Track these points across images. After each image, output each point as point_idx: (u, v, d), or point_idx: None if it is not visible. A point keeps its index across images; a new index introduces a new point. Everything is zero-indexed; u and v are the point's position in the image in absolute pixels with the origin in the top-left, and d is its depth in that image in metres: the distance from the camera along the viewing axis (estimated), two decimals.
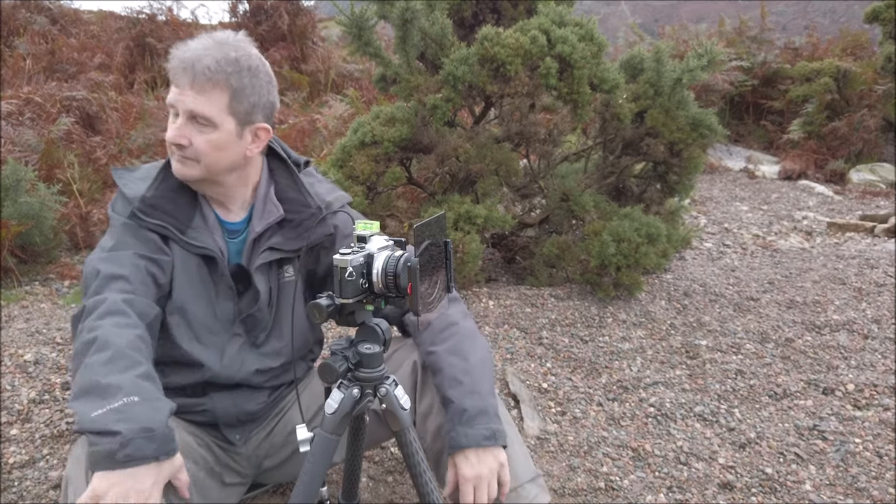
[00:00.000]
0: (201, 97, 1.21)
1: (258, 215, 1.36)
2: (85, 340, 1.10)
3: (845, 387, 2.30)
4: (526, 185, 3.34)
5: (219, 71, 1.21)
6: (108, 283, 1.18)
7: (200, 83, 1.20)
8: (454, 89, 2.81)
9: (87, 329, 1.12)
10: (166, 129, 1.27)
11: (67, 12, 7.21)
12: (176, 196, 1.31)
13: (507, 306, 2.88)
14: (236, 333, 1.37)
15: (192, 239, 1.30)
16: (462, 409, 1.25)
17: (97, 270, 1.20)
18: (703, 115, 3.16)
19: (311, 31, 6.96)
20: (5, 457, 1.78)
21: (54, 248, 3.46)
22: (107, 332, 1.10)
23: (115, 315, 1.13)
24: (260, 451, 1.49)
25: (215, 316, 1.34)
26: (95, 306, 1.15)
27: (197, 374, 1.36)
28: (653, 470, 1.88)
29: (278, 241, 1.35)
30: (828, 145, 6.66)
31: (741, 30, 8.17)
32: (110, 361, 1.06)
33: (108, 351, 1.07)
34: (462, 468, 1.23)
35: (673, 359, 2.54)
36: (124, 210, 1.29)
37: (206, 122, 1.23)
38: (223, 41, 1.24)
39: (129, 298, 1.17)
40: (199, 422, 1.39)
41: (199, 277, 1.32)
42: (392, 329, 1.19)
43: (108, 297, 1.15)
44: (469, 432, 1.24)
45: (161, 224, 1.27)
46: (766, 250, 4.21)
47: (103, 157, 4.08)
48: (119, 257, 1.22)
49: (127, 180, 1.31)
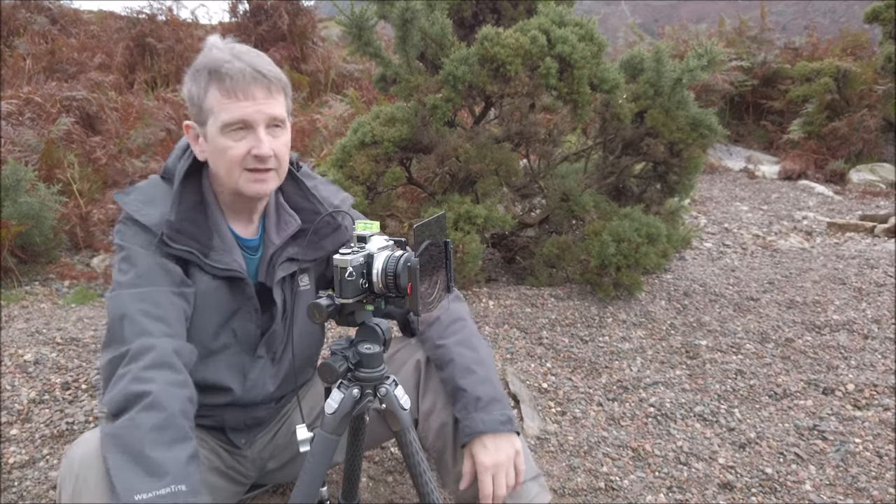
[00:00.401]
0: (275, 101, 1.19)
1: (273, 227, 1.32)
2: (133, 392, 1.03)
3: (845, 387, 2.30)
4: (526, 185, 3.34)
5: (277, 72, 1.20)
6: (148, 324, 1.11)
7: (276, 88, 1.18)
8: (454, 89, 2.81)
9: (134, 378, 1.04)
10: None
11: (67, 12, 7.21)
12: (195, 216, 1.24)
13: (507, 306, 2.88)
14: (259, 356, 1.35)
15: (216, 261, 1.23)
16: (476, 397, 1.25)
17: (131, 310, 1.11)
18: (703, 115, 3.16)
19: (311, 30, 6.96)
20: (5, 457, 1.78)
21: (54, 248, 3.46)
22: (159, 390, 1.03)
23: (166, 369, 1.07)
24: (264, 453, 1.49)
25: (236, 338, 1.31)
26: (142, 352, 1.07)
27: (220, 398, 1.33)
28: (653, 470, 1.88)
29: (295, 251, 1.31)
30: (828, 145, 6.66)
31: (741, 30, 8.18)
32: (161, 429, 1.00)
33: (159, 414, 1.01)
34: (480, 457, 1.22)
35: (673, 359, 2.54)
36: (144, 239, 1.19)
37: (281, 126, 1.21)
38: (246, 49, 1.21)
39: (177, 347, 1.12)
40: (205, 426, 1.38)
41: (218, 300, 1.26)
42: (392, 329, 1.20)
43: (156, 345, 1.09)
44: (486, 418, 1.23)
45: (187, 249, 1.20)
46: (766, 250, 4.21)
47: (103, 157, 4.08)
48: (153, 295, 1.14)
49: (136, 206, 1.21)
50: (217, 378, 1.31)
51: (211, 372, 1.30)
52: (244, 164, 1.19)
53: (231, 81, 1.15)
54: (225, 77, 1.15)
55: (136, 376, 1.05)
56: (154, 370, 1.06)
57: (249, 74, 1.15)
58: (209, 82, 1.17)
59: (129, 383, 1.04)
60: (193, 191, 1.26)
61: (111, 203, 3.78)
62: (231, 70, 1.15)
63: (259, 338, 1.33)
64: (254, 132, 1.17)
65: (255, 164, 1.18)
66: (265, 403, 1.41)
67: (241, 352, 1.33)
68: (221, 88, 1.15)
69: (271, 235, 1.32)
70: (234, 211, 1.29)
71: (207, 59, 1.19)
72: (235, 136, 1.17)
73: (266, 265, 1.32)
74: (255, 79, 1.15)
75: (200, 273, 1.24)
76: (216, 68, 1.16)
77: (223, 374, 1.31)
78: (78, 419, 1.95)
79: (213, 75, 1.16)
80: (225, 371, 1.31)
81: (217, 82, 1.16)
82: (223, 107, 1.16)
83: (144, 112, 4.71)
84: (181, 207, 1.22)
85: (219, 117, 1.16)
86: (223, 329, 1.29)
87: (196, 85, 1.19)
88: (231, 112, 1.16)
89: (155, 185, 1.27)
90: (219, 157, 1.20)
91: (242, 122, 1.16)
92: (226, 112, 1.16)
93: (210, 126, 1.18)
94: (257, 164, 1.18)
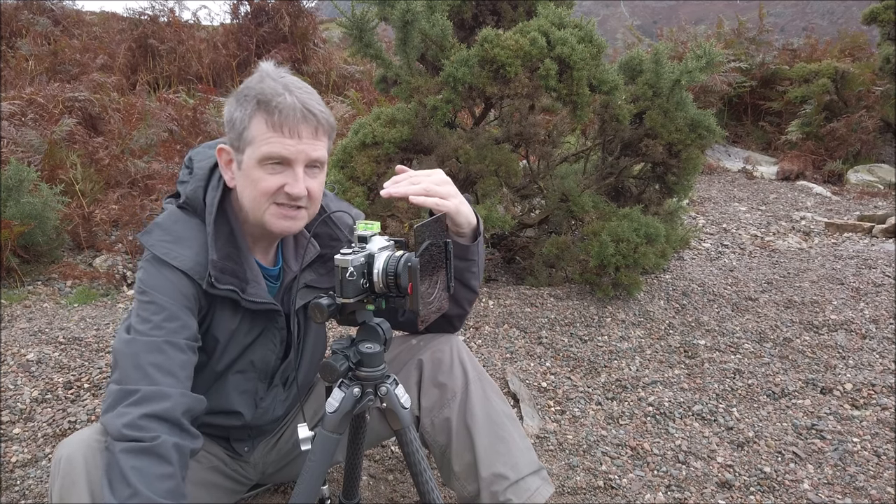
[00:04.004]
0: (319, 143, 1.16)
1: (291, 255, 1.30)
2: (135, 444, 1.01)
3: (843, 386, 2.31)
4: (525, 185, 3.35)
5: (327, 114, 1.17)
6: (159, 378, 1.08)
7: (324, 129, 1.16)
8: (454, 91, 2.83)
9: (135, 426, 1.02)
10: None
11: (70, 13, 7.23)
12: (231, 251, 1.20)
13: (507, 306, 2.89)
14: (275, 385, 1.35)
15: (253, 296, 1.21)
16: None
17: (144, 361, 1.08)
18: (701, 116, 3.18)
19: (312, 32, 6.97)
20: (7, 455, 1.79)
21: (57, 249, 3.47)
22: (165, 442, 1.02)
23: (174, 425, 1.05)
24: (267, 458, 1.51)
25: (253, 368, 1.31)
26: (152, 398, 1.05)
27: (230, 421, 1.34)
28: (651, 469, 1.89)
29: (312, 277, 1.30)
30: (826, 146, 6.68)
31: (739, 31, 8.19)
32: (163, 479, 1.00)
33: (165, 467, 1.01)
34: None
35: (671, 358, 2.55)
36: (170, 285, 1.14)
37: (319, 167, 1.18)
38: (298, 83, 1.17)
39: (190, 406, 1.09)
40: (208, 434, 1.38)
41: (244, 332, 1.25)
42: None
43: (170, 395, 1.06)
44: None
45: (231, 288, 1.17)
46: (764, 250, 4.23)
47: (106, 158, 4.09)
48: (168, 349, 1.11)
49: (165, 248, 1.16)
50: (229, 405, 1.31)
51: (224, 399, 1.30)
52: (274, 198, 1.15)
53: (280, 116, 1.11)
54: (274, 110, 1.11)
55: (136, 424, 1.02)
56: (160, 422, 1.04)
57: (300, 112, 1.12)
58: (256, 111, 1.13)
59: (126, 422, 1.02)
60: (224, 223, 1.22)
61: (113, 203, 3.79)
62: (281, 104, 1.11)
63: (277, 366, 1.34)
64: (291, 170, 1.14)
65: (286, 201, 1.16)
66: (273, 424, 1.44)
67: (255, 379, 1.33)
68: (269, 120, 1.12)
69: (290, 263, 1.30)
70: (256, 240, 1.26)
71: (256, 86, 1.14)
72: (272, 170, 1.14)
73: (283, 292, 1.30)
74: (305, 117, 1.12)
75: (231, 310, 1.22)
76: (266, 99, 1.12)
77: (235, 401, 1.32)
78: (80, 418, 1.97)
79: (261, 105, 1.12)
80: (237, 398, 1.32)
81: (265, 113, 1.12)
82: (266, 139, 1.12)
83: (147, 113, 4.72)
84: (219, 244, 1.18)
85: (259, 148, 1.13)
86: (241, 358, 1.29)
87: (241, 111, 1.15)
88: (273, 146, 1.12)
89: (177, 220, 1.21)
90: (249, 188, 1.16)
91: (283, 158, 1.13)
92: (267, 145, 1.12)
93: (247, 155, 1.15)
94: (288, 200, 1.15)
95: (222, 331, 1.23)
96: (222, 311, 1.22)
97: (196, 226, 1.20)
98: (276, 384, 1.36)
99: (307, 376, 1.45)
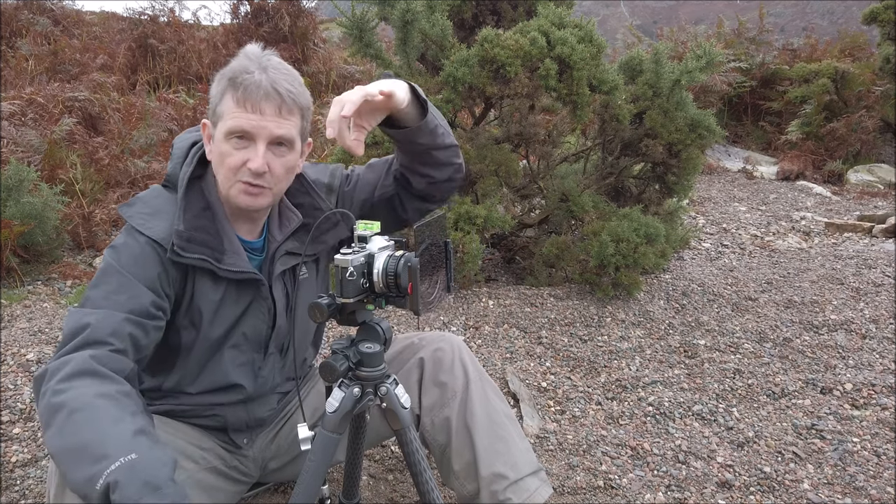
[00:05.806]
0: (284, 121, 1.18)
1: (276, 226, 1.33)
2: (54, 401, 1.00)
3: (843, 386, 2.31)
4: (525, 185, 3.35)
5: (297, 93, 1.19)
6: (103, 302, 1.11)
7: (289, 107, 1.18)
8: (454, 90, 2.83)
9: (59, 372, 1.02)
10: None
11: (70, 13, 7.23)
12: (204, 223, 1.23)
13: (507, 306, 2.90)
14: (270, 353, 1.37)
15: (230, 265, 1.23)
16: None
17: (84, 317, 1.09)
18: (701, 116, 3.18)
19: (312, 32, 6.97)
20: (7, 455, 1.79)
21: (57, 248, 3.47)
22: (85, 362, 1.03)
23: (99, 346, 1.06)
24: (266, 453, 1.51)
25: (246, 339, 1.32)
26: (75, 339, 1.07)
27: (232, 396, 1.36)
28: (651, 469, 1.89)
29: (294, 245, 1.33)
30: (826, 146, 6.68)
31: (739, 31, 8.19)
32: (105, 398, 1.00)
33: (103, 385, 1.01)
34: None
35: (671, 358, 2.55)
36: (144, 254, 1.17)
37: (286, 146, 1.20)
38: (277, 63, 1.20)
39: (116, 328, 1.09)
40: (206, 426, 1.39)
41: (229, 305, 1.27)
42: (393, 328, 1.21)
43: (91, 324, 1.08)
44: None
45: (200, 257, 1.20)
46: (764, 250, 4.23)
47: (106, 158, 4.09)
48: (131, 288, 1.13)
49: (141, 219, 1.20)
50: (229, 379, 1.33)
51: (222, 375, 1.32)
52: (239, 175, 1.19)
53: (244, 91, 1.15)
54: (239, 86, 1.16)
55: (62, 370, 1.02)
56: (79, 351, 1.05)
57: (264, 89, 1.15)
58: (227, 88, 1.18)
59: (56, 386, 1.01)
60: (198, 197, 1.25)
61: (113, 203, 3.79)
62: (247, 80, 1.15)
63: (269, 335, 1.35)
64: (254, 146, 1.18)
65: (249, 178, 1.19)
66: (272, 394, 1.45)
67: (250, 350, 1.34)
68: (234, 96, 1.16)
69: (274, 233, 1.33)
70: (236, 216, 1.29)
71: (233, 65, 1.19)
72: (236, 145, 1.18)
73: (269, 264, 1.33)
74: (268, 94, 1.15)
75: (212, 280, 1.24)
76: (235, 76, 1.17)
77: (234, 374, 1.33)
78: None
79: (230, 82, 1.17)
80: (236, 372, 1.33)
81: (232, 89, 1.17)
82: (231, 114, 1.17)
83: (147, 113, 4.72)
84: (188, 215, 1.21)
85: (226, 123, 1.18)
86: (233, 331, 1.30)
87: (217, 87, 1.21)
88: (237, 120, 1.16)
89: (158, 195, 1.26)
90: (219, 162, 1.21)
91: (243, 132, 1.17)
92: (232, 119, 1.17)
93: (218, 129, 1.20)
94: (251, 178, 1.19)
95: (206, 302, 1.25)
96: (202, 283, 1.24)
97: (174, 201, 1.24)
98: (271, 352, 1.37)
99: (302, 339, 1.47)
